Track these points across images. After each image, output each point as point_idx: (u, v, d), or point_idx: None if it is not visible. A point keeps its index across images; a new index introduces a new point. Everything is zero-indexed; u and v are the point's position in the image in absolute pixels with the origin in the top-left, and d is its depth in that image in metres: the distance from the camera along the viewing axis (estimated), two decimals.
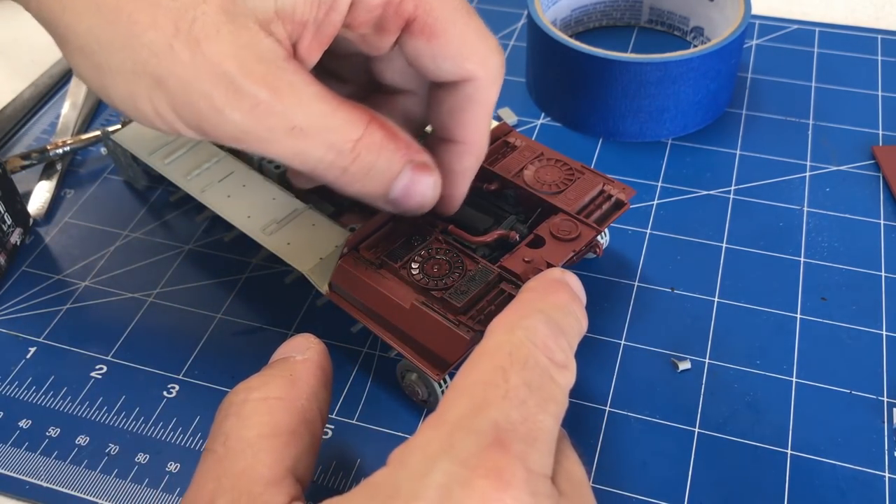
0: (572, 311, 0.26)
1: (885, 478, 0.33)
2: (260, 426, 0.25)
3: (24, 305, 0.41)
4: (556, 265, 0.34)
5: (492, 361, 0.24)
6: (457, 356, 0.32)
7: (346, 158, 0.27)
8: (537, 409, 0.23)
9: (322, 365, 0.28)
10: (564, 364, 0.24)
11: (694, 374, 0.37)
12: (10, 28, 0.61)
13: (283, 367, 0.28)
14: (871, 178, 0.46)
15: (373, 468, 0.34)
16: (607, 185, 0.38)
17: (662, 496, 0.33)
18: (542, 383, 0.23)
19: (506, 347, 0.24)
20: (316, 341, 0.29)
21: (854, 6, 0.59)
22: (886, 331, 0.38)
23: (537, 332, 0.24)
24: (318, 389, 0.27)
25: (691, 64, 0.45)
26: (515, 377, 0.23)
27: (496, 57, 0.30)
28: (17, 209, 0.43)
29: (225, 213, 0.39)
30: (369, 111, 0.28)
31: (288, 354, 0.28)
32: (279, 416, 0.26)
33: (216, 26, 0.25)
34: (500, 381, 0.23)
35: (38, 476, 0.34)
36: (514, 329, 0.24)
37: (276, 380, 0.27)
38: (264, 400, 0.26)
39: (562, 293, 0.26)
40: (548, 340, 0.24)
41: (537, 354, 0.24)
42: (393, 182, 0.29)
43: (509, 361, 0.23)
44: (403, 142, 0.29)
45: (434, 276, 0.34)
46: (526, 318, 0.25)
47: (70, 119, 0.51)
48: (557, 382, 0.24)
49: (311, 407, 0.27)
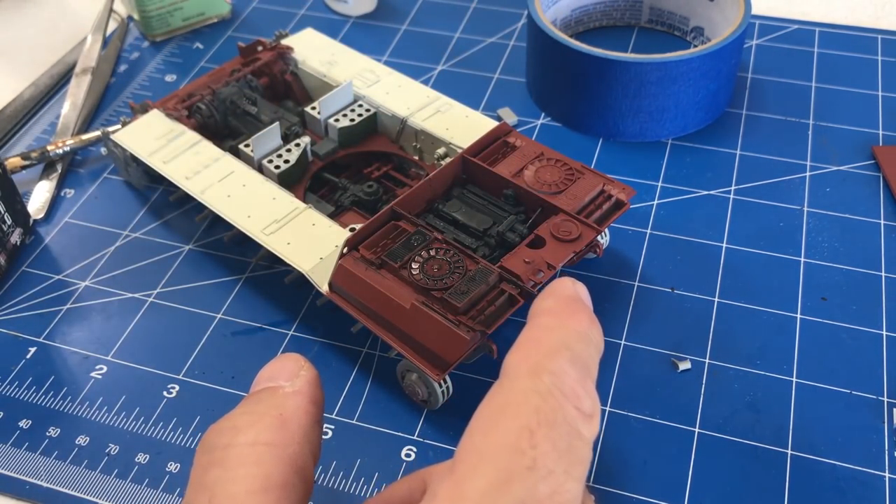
0: (593, 339, 0.24)
1: (885, 478, 0.33)
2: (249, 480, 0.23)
3: (24, 305, 0.41)
4: (556, 266, 0.34)
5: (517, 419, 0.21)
6: (457, 356, 0.32)
7: None
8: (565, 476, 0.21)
9: (314, 398, 0.25)
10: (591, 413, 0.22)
11: (694, 374, 0.37)
12: (11, 28, 0.61)
13: (271, 402, 0.25)
14: (871, 178, 0.46)
15: (373, 468, 0.34)
16: (607, 185, 0.38)
17: (662, 496, 0.33)
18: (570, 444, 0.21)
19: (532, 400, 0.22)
20: (307, 366, 0.26)
21: (854, 6, 0.59)
22: (886, 331, 0.38)
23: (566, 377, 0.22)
24: (309, 429, 0.25)
25: (691, 64, 0.45)
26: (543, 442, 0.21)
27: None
28: (17, 209, 0.43)
29: (225, 213, 0.39)
30: None
31: (274, 381, 0.25)
32: (269, 467, 0.23)
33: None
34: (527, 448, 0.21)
35: (38, 476, 0.34)
36: (540, 373, 0.22)
37: (264, 420, 0.24)
38: (252, 446, 0.23)
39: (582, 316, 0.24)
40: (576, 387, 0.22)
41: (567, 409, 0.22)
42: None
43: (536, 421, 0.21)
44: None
45: (434, 276, 0.34)
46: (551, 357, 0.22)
47: (70, 119, 0.51)
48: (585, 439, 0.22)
49: (302, 451, 0.24)
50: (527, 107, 0.51)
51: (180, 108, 0.45)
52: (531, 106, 0.51)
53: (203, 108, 0.44)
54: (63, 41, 0.58)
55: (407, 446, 0.35)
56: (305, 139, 0.43)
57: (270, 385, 0.25)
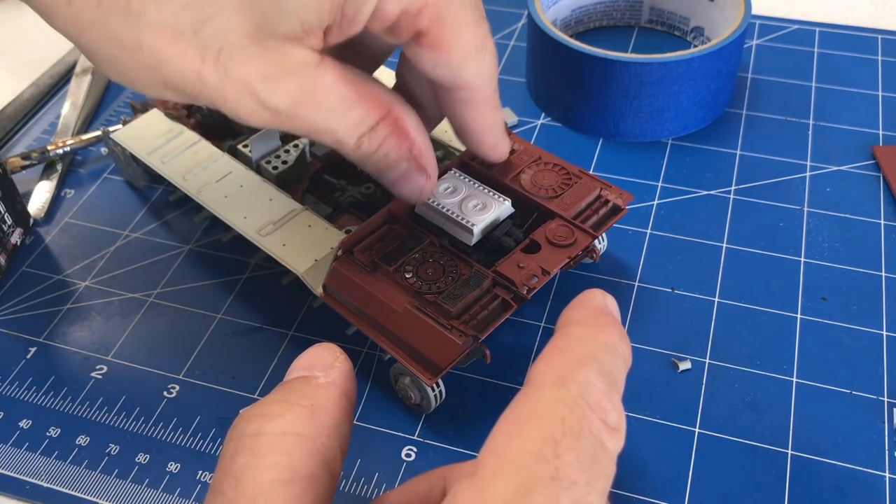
0: (622, 353, 0.24)
1: (886, 478, 0.33)
2: (275, 469, 0.23)
3: (24, 305, 0.41)
4: (550, 271, 0.34)
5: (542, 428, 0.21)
6: (449, 361, 0.32)
7: (349, 147, 0.30)
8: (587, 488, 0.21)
9: (346, 391, 0.26)
10: (617, 426, 0.22)
11: (694, 374, 0.37)
12: (10, 28, 0.61)
13: (304, 391, 0.25)
14: (871, 178, 0.46)
15: (373, 468, 0.34)
16: (604, 190, 0.38)
17: (662, 496, 0.33)
18: (595, 456, 0.21)
19: (559, 410, 0.22)
20: (343, 358, 0.26)
21: (854, 6, 0.59)
22: (886, 331, 0.38)
23: (592, 389, 0.22)
24: (340, 422, 0.25)
25: (691, 64, 0.45)
26: (567, 453, 0.21)
27: (490, 65, 0.32)
28: (18, 209, 0.43)
29: (222, 214, 0.39)
30: (388, 105, 0.30)
31: (309, 370, 0.26)
32: (297, 458, 0.23)
33: (243, 51, 0.27)
34: (551, 457, 0.21)
35: (38, 476, 0.34)
36: (567, 383, 0.22)
37: (294, 410, 0.24)
38: (281, 435, 0.24)
39: (612, 330, 0.24)
40: (602, 400, 0.22)
41: (591, 419, 0.22)
42: (388, 170, 0.32)
43: (561, 431, 0.21)
44: (409, 142, 0.31)
45: (428, 280, 0.34)
46: (579, 368, 0.22)
47: (70, 119, 0.51)
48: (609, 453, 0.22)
49: (331, 444, 0.24)
50: (527, 107, 0.51)
51: (180, 107, 0.45)
52: (531, 106, 0.51)
53: (203, 108, 0.44)
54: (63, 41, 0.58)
55: (407, 446, 0.35)
56: (304, 140, 0.43)
57: (304, 374, 0.26)
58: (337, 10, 0.27)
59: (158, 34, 0.26)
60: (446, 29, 0.29)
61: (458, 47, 0.30)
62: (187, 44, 0.26)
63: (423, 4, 0.28)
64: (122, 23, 0.26)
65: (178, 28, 0.26)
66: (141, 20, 0.26)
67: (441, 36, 0.29)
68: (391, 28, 0.29)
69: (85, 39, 0.27)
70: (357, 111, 0.30)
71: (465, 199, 0.36)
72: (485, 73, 0.31)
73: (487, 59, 0.31)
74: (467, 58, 0.30)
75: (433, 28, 0.29)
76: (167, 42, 0.26)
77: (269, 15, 0.26)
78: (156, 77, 0.27)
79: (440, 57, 0.30)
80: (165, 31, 0.26)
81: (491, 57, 0.32)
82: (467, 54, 0.30)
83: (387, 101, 0.31)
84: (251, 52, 0.27)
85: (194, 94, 0.27)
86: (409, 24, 0.28)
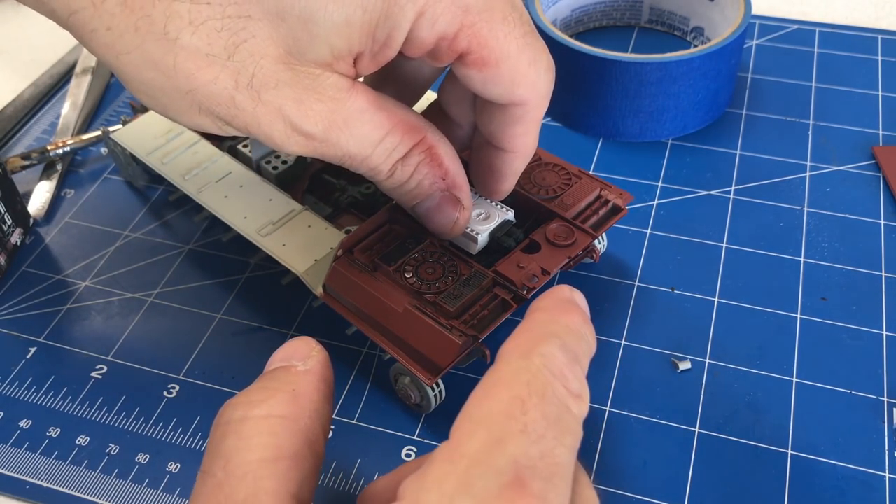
0: (584, 336, 0.26)
1: (886, 478, 0.33)
2: (262, 449, 0.24)
3: (24, 305, 0.41)
4: (550, 271, 0.34)
5: (509, 391, 0.23)
6: (449, 361, 0.32)
7: (383, 175, 0.31)
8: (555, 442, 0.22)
9: (325, 377, 0.27)
10: (579, 394, 0.24)
11: (694, 374, 0.37)
12: (10, 28, 0.61)
13: (285, 379, 0.26)
14: (871, 178, 0.46)
15: (373, 468, 0.34)
16: (604, 190, 0.38)
17: (662, 496, 0.33)
18: (560, 415, 0.23)
19: (523, 376, 0.23)
20: (318, 348, 0.28)
21: (854, 6, 0.59)
22: (886, 331, 0.38)
23: (555, 359, 0.24)
24: (321, 405, 0.26)
25: (691, 64, 0.45)
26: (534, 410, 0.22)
27: (545, 79, 0.31)
28: (18, 209, 0.43)
29: (221, 214, 0.39)
30: (423, 132, 0.31)
31: (288, 361, 0.27)
32: (282, 438, 0.25)
33: (275, 76, 0.27)
34: (518, 414, 0.22)
35: (38, 476, 0.34)
36: (531, 355, 0.24)
37: (277, 395, 0.25)
38: (266, 418, 0.25)
39: (574, 315, 0.26)
40: (564, 369, 0.24)
41: (555, 384, 0.23)
42: (421, 200, 0.33)
43: (527, 392, 0.23)
44: (443, 171, 0.32)
45: (428, 280, 0.34)
46: (542, 343, 0.24)
47: (70, 119, 0.51)
48: (573, 413, 0.23)
49: (313, 426, 0.26)
50: None
51: None
52: None
53: None
54: (63, 41, 0.58)
55: (407, 446, 0.35)
56: None
57: (284, 365, 0.27)
58: (367, 37, 0.27)
59: (193, 58, 0.26)
60: (490, 47, 0.28)
61: (507, 63, 0.29)
62: (221, 68, 0.27)
63: (458, 27, 0.28)
64: (159, 47, 0.26)
65: (212, 52, 0.26)
66: (176, 45, 0.26)
67: (486, 55, 0.29)
68: (431, 53, 0.29)
69: (122, 64, 0.27)
70: (391, 138, 0.30)
71: None
72: (540, 88, 0.31)
73: (542, 72, 0.30)
74: (519, 72, 0.30)
75: (475, 47, 0.28)
76: (201, 66, 0.26)
77: (300, 41, 0.27)
78: (191, 102, 0.27)
79: (489, 74, 0.29)
80: (200, 56, 0.26)
81: (547, 71, 0.31)
82: (518, 69, 0.29)
83: (421, 127, 0.31)
84: (283, 77, 0.27)
85: (228, 119, 0.28)
86: (449, 48, 0.28)
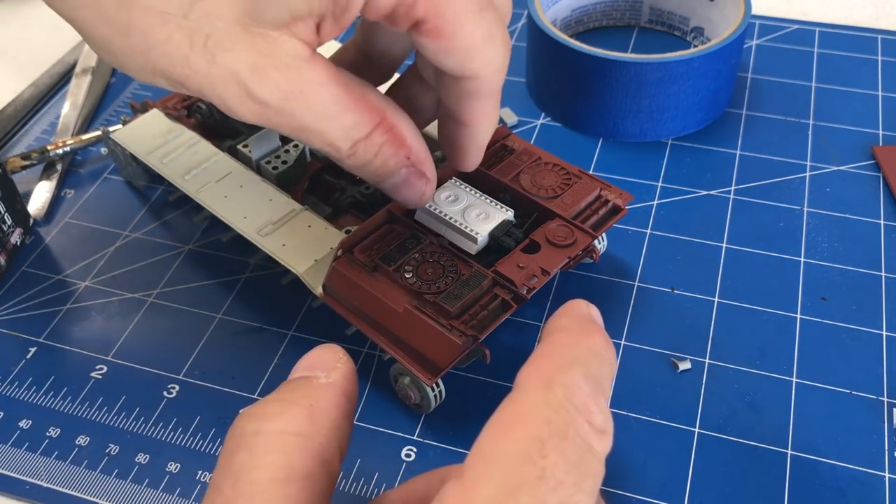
0: (608, 359, 0.24)
1: (885, 478, 0.33)
2: (273, 468, 0.23)
3: (24, 305, 0.41)
4: (550, 271, 0.34)
5: (527, 429, 0.21)
6: (448, 361, 0.32)
7: (343, 154, 0.30)
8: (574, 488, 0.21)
9: (347, 392, 0.26)
10: (603, 428, 0.22)
11: (694, 374, 0.37)
12: (10, 28, 0.61)
13: (304, 391, 0.25)
14: (871, 178, 0.46)
15: (373, 468, 0.34)
16: (604, 190, 0.38)
17: (662, 496, 0.33)
18: (581, 457, 0.21)
19: (544, 412, 0.22)
20: (345, 359, 0.26)
21: (854, 6, 0.59)
22: (886, 331, 0.38)
23: (578, 391, 0.22)
24: (340, 422, 0.25)
25: (691, 64, 0.45)
26: (554, 453, 0.21)
27: (500, 54, 0.31)
28: (18, 209, 0.43)
29: (221, 214, 0.39)
30: (383, 111, 0.30)
31: (311, 371, 0.26)
32: (294, 457, 0.23)
33: (231, 38, 0.26)
34: (537, 457, 0.21)
35: (38, 476, 0.34)
36: (553, 385, 0.22)
37: (293, 409, 0.24)
38: (279, 435, 0.24)
39: (597, 336, 0.24)
40: (588, 400, 0.22)
41: (578, 421, 0.22)
42: (386, 178, 0.32)
43: (547, 432, 0.21)
44: (406, 149, 0.31)
45: (427, 280, 0.34)
46: (564, 371, 0.23)
47: (70, 119, 0.51)
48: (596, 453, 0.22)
49: (329, 445, 0.24)
50: (527, 107, 0.51)
51: (180, 107, 0.45)
52: (531, 106, 0.51)
53: (203, 108, 0.44)
54: (63, 41, 0.58)
55: (407, 446, 0.35)
56: None
57: (306, 375, 0.26)
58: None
59: (147, 16, 0.26)
60: (446, 17, 0.28)
61: (462, 35, 0.29)
62: (175, 27, 0.26)
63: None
64: (114, 2, 0.26)
65: (168, 11, 0.26)
66: (132, 1, 0.26)
67: (441, 25, 0.28)
68: (389, 17, 0.28)
69: (79, 18, 0.27)
70: (351, 116, 0.29)
71: (467, 208, 0.36)
72: (494, 63, 0.30)
73: (498, 48, 0.30)
74: (474, 46, 0.29)
75: (431, 16, 0.28)
76: (156, 25, 0.26)
77: (258, 1, 0.26)
78: (146, 61, 0.27)
79: (442, 45, 0.29)
80: (154, 14, 0.26)
81: (502, 45, 0.30)
82: (473, 42, 0.29)
83: (381, 107, 0.30)
84: (239, 39, 0.26)
85: (181, 80, 0.27)
86: (405, 14, 0.28)
